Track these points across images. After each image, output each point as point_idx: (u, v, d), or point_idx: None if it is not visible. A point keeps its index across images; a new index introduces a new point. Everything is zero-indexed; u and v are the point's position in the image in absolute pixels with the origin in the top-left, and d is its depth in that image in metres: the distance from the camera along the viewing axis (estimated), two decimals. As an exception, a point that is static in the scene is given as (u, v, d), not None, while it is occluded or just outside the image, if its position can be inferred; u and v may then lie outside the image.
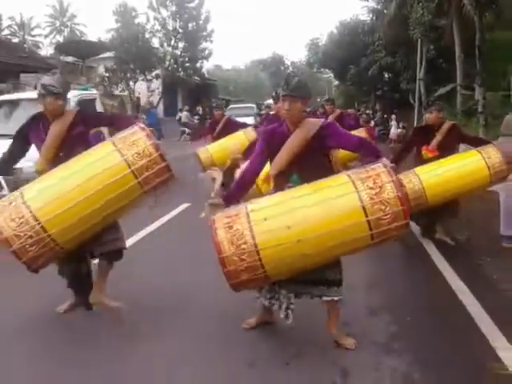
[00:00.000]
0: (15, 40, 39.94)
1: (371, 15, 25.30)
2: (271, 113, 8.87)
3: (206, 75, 35.91)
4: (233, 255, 2.84)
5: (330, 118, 7.76)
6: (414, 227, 6.33)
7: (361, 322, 3.72)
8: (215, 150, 8.13)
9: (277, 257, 2.86)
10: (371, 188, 2.85)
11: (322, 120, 3.38)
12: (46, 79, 3.64)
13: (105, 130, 6.32)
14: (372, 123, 24.15)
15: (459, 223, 6.21)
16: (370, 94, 31.34)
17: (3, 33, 37.46)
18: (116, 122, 3.96)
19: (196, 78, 30.86)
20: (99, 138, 4.64)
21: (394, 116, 22.12)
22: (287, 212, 2.89)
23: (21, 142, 3.76)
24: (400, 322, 3.71)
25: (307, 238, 2.84)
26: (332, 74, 39.22)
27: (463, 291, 4.23)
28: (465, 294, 4.17)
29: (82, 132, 3.75)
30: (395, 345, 3.35)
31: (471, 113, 14.76)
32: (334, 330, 3.34)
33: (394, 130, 21.37)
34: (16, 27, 46.51)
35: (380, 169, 2.95)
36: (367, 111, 28.71)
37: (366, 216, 2.83)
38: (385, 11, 21.72)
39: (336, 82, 41.94)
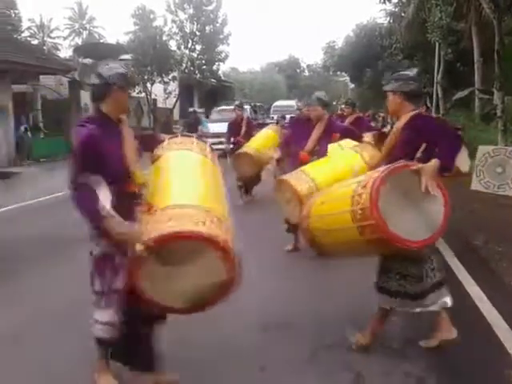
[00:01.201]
0: (35, 42, 40.50)
1: (389, 18, 25.14)
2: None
3: (223, 77, 36.05)
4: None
5: (347, 121, 7.65)
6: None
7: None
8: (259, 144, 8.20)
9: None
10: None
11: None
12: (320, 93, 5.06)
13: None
14: (388, 127, 24.01)
15: (477, 229, 6.16)
16: (386, 98, 31.11)
17: (23, 34, 37.98)
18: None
19: (212, 80, 31.01)
20: None
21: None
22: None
23: None
24: (414, 327, 3.68)
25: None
26: (348, 77, 39.08)
27: (480, 297, 4.18)
28: (481, 299, 4.13)
29: None
30: (409, 350, 3.33)
31: (490, 117, 14.59)
32: None
33: (411, 134, 21.23)
34: (36, 29, 47.13)
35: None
36: (382, 114, 28.52)
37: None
38: (402, 14, 21.58)
39: (352, 85, 41.78)
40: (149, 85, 27.38)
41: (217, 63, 31.14)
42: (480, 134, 13.08)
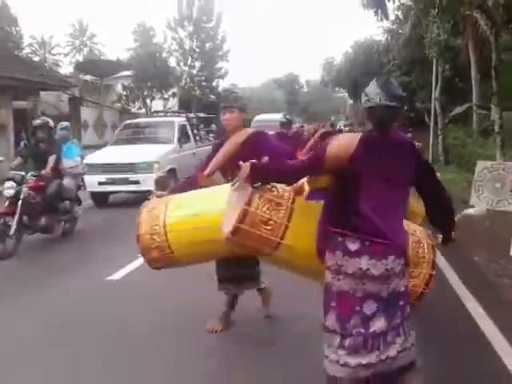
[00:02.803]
0: (36, 58, 40.81)
1: (386, 35, 25.36)
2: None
3: (222, 94, 36.26)
4: (146, 233, 3.23)
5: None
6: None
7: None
8: None
9: (182, 240, 3.21)
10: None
11: None
12: None
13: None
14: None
15: (476, 244, 6.15)
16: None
17: (24, 51, 38.27)
18: None
19: (212, 96, 31.24)
20: None
21: (409, 135, 22.03)
22: (198, 201, 3.38)
23: None
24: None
25: (208, 225, 3.10)
26: (346, 93, 39.33)
27: (479, 313, 4.17)
28: (481, 316, 4.12)
29: None
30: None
31: (488, 133, 14.66)
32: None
33: (409, 150, 21.27)
34: (37, 46, 47.56)
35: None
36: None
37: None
38: (400, 31, 21.77)
39: (350, 101, 42.03)
40: (148, 101, 27.55)
41: (216, 80, 31.40)
42: (478, 150, 13.13)
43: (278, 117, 12.05)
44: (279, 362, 3.39)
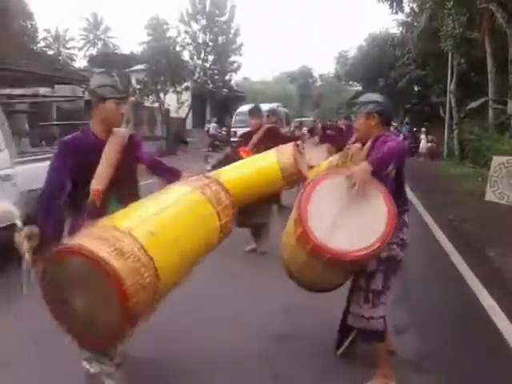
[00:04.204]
0: (50, 52, 41.07)
1: (401, 28, 25.13)
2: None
3: (235, 87, 36.24)
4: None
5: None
6: (446, 245, 6.27)
7: (388, 339, 3.66)
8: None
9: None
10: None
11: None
12: None
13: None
14: (401, 136, 23.94)
15: (491, 240, 6.09)
16: (398, 107, 31.10)
17: (39, 45, 38.52)
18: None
19: (225, 90, 31.22)
20: None
21: (423, 129, 21.82)
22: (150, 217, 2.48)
23: None
24: (428, 340, 3.64)
25: (167, 238, 2.40)
26: (360, 87, 39.08)
27: (494, 309, 4.13)
28: (496, 312, 4.08)
29: None
30: (424, 362, 3.29)
31: (504, 127, 14.47)
32: None
33: (424, 144, 21.07)
34: (51, 39, 47.84)
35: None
36: (394, 124, 28.43)
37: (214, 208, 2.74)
38: (415, 24, 21.55)
39: (364, 95, 41.72)
40: (162, 94, 27.60)
41: (229, 73, 31.36)
42: (494, 144, 12.97)
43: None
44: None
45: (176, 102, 27.84)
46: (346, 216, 2.67)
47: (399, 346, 3.49)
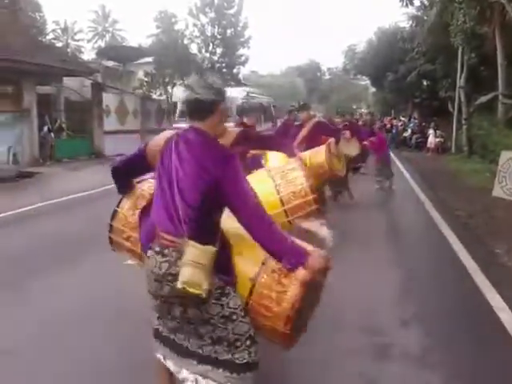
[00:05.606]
0: (59, 44, 41.13)
1: (411, 22, 24.89)
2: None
3: (242, 81, 36.18)
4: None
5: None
6: (453, 241, 6.25)
7: (392, 332, 3.66)
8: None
9: None
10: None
11: None
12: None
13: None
14: (409, 131, 23.79)
15: (498, 236, 6.04)
16: (407, 102, 30.89)
17: (48, 37, 38.58)
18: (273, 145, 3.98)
19: (232, 83, 31.20)
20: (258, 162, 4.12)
21: (432, 124, 21.68)
22: None
23: None
24: (434, 334, 3.63)
25: None
26: (369, 81, 38.85)
27: (501, 307, 4.11)
28: (503, 309, 4.06)
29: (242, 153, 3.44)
30: (429, 358, 3.29)
31: (513, 122, 14.37)
32: None
33: (432, 139, 20.94)
34: (60, 32, 47.86)
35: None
36: (403, 119, 28.26)
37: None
38: (425, 18, 21.35)
39: (373, 89, 41.51)
40: (169, 87, 27.62)
41: (237, 66, 31.30)
42: (503, 140, 12.87)
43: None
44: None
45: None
46: None
47: (402, 340, 3.49)
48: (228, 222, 2.24)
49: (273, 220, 2.16)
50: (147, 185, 2.76)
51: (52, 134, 16.15)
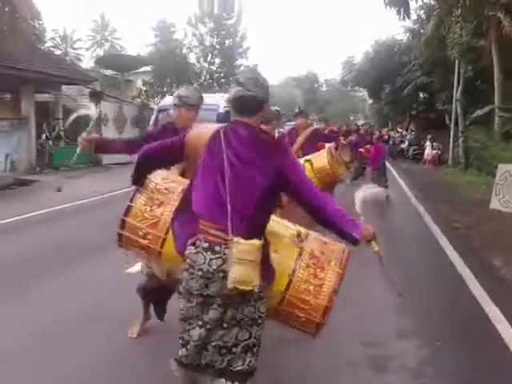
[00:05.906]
0: (58, 52, 41.22)
1: (408, 35, 25.14)
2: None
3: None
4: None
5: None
6: (450, 253, 6.25)
7: (389, 344, 3.66)
8: None
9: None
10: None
11: None
12: (183, 90, 3.45)
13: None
14: (406, 143, 23.91)
15: (495, 249, 6.06)
16: (404, 114, 31.06)
17: (47, 45, 38.64)
18: None
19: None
20: None
21: (429, 136, 21.82)
22: None
23: None
24: (431, 346, 3.63)
25: None
26: (366, 93, 39.05)
27: (498, 318, 4.12)
28: (500, 321, 4.06)
29: None
30: (426, 370, 3.28)
31: (510, 135, 14.46)
32: None
33: (429, 151, 21.06)
34: (59, 40, 47.97)
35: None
36: (400, 130, 28.40)
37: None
38: (422, 31, 21.54)
39: (370, 101, 41.72)
40: (168, 96, 27.68)
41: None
42: (500, 153, 12.95)
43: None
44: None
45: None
46: None
47: (399, 352, 3.49)
48: None
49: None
50: (159, 177, 2.66)
51: (50, 142, 16.16)
